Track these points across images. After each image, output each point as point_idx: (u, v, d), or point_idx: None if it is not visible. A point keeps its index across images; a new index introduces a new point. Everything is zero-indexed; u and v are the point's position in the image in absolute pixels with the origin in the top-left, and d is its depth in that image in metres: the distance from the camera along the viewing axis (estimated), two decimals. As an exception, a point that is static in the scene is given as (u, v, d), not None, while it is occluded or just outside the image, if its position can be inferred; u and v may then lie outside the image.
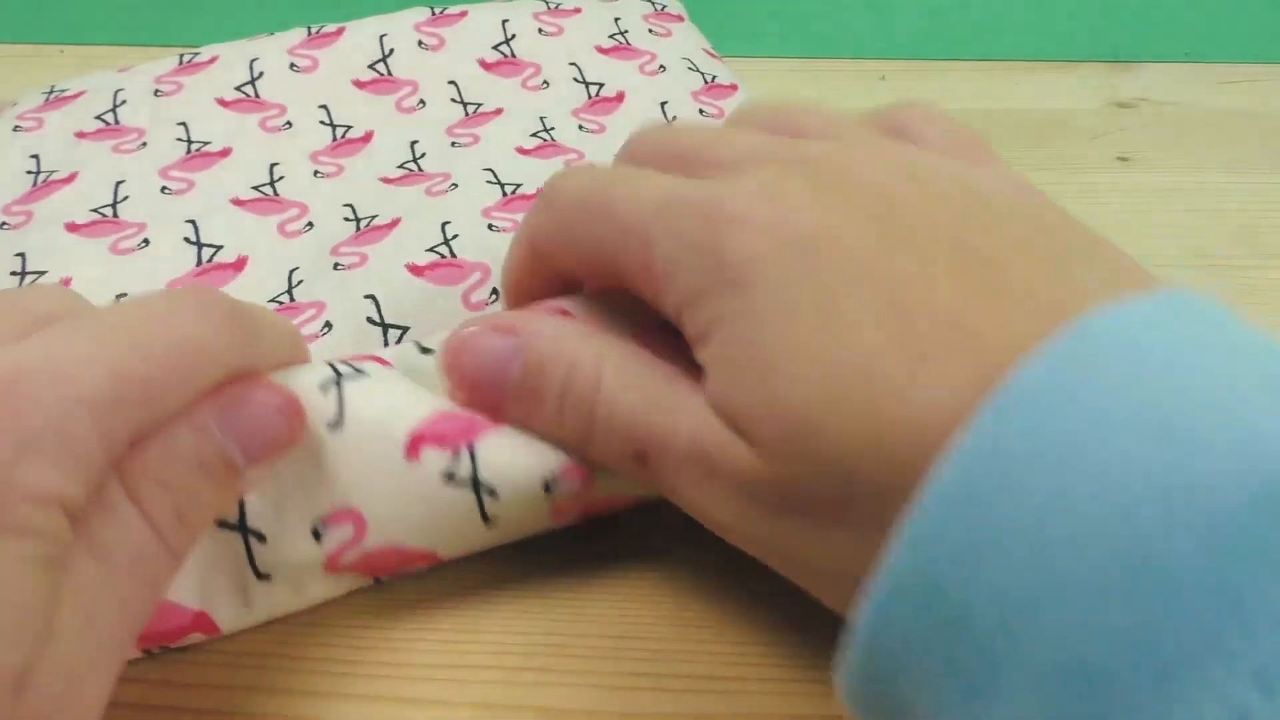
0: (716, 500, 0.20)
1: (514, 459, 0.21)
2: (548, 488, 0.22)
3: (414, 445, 0.21)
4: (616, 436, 0.21)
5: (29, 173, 0.34)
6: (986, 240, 0.18)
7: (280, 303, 0.29)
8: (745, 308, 0.19)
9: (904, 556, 0.15)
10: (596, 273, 0.23)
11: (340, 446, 0.21)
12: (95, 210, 0.32)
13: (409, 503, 0.21)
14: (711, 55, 0.42)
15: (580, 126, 0.37)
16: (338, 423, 0.21)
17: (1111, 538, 0.14)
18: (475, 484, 0.21)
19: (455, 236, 0.30)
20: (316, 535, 0.21)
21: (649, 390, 0.21)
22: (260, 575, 0.22)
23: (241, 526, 0.21)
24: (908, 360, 0.17)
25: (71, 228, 0.32)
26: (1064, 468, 0.14)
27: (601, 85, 0.39)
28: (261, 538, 0.21)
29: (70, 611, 0.16)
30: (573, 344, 0.21)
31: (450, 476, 0.21)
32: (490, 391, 0.22)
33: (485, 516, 0.22)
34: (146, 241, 0.31)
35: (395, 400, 0.22)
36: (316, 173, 0.34)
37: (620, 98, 0.38)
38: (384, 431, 0.21)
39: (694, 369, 0.20)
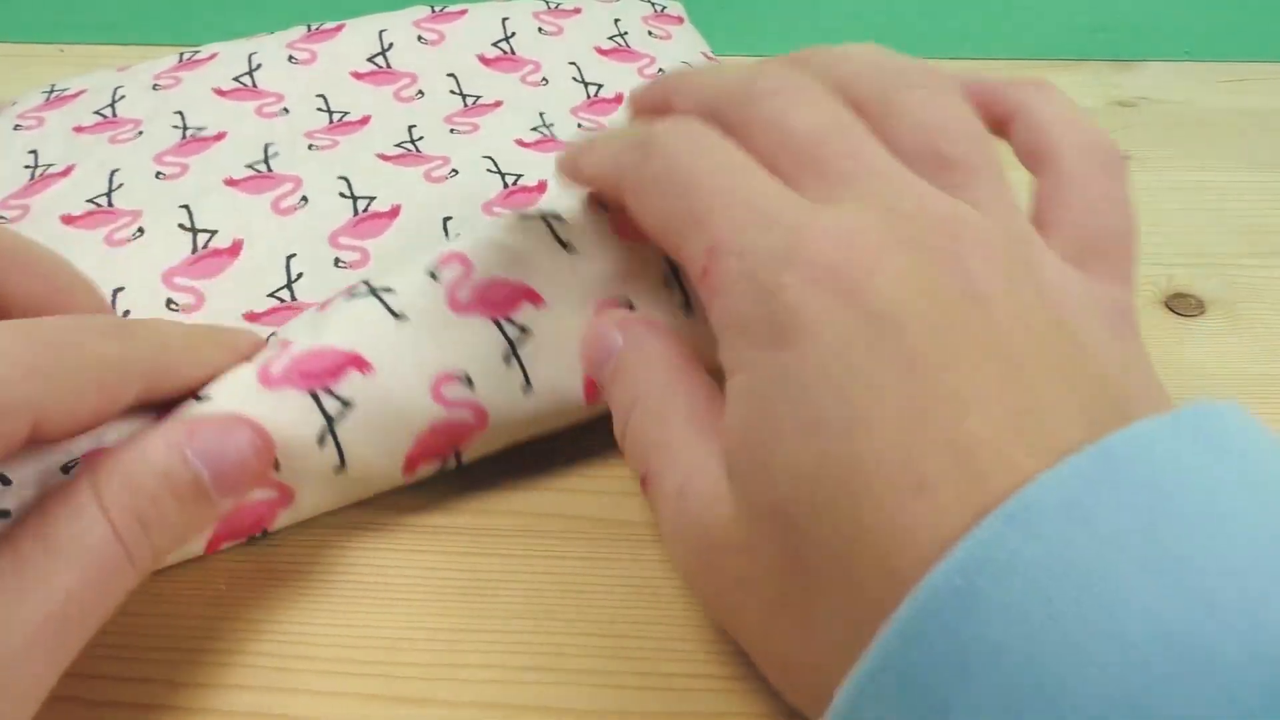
0: (688, 550, 0.20)
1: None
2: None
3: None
4: (633, 457, 0.22)
5: (27, 167, 0.34)
6: (1041, 355, 0.17)
7: (281, 300, 0.29)
8: (779, 362, 0.18)
9: (891, 644, 0.15)
10: (657, 239, 0.22)
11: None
12: (90, 200, 0.32)
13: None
14: (710, 58, 0.42)
15: (580, 125, 0.37)
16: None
17: (1116, 682, 0.13)
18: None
19: (458, 236, 0.30)
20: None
21: (669, 426, 0.21)
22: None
23: None
24: (910, 485, 0.16)
25: (67, 220, 0.32)
26: (1069, 593, 0.14)
27: (600, 86, 0.39)
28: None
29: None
30: (646, 369, 0.23)
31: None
32: (595, 374, 0.25)
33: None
34: (141, 230, 0.31)
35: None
36: (311, 147, 0.34)
37: (619, 99, 0.38)
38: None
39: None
